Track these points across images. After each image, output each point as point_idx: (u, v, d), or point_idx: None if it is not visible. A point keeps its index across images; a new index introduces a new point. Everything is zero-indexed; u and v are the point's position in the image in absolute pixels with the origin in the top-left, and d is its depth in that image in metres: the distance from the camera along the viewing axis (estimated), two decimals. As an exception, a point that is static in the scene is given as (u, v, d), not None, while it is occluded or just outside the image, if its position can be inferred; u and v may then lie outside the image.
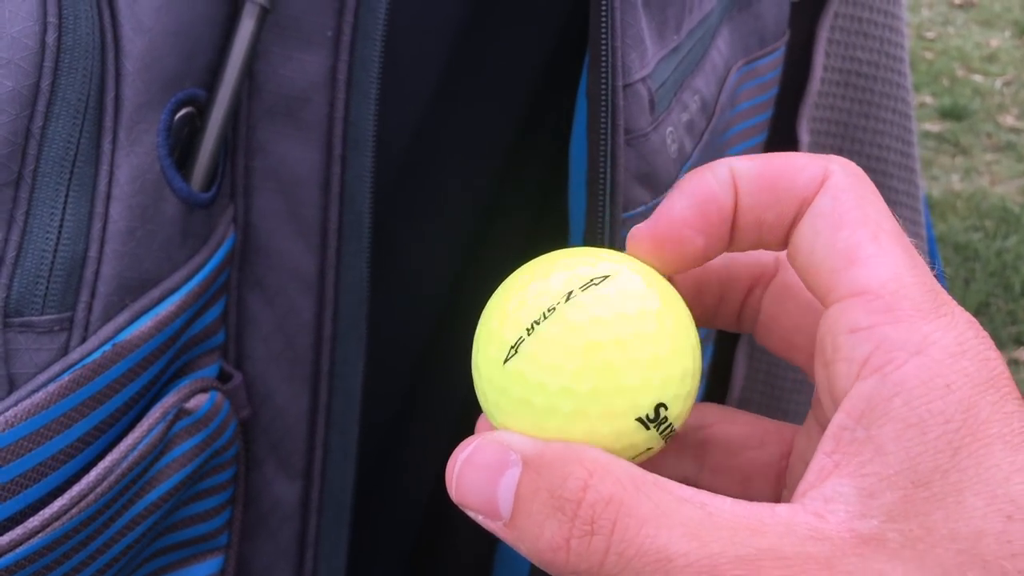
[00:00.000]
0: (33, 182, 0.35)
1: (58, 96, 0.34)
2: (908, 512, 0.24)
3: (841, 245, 0.27)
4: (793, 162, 0.29)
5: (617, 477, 0.25)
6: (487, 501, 0.27)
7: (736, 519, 0.25)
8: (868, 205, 0.28)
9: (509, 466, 0.26)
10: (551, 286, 0.28)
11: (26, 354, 0.35)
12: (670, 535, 0.24)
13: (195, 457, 0.41)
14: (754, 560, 0.24)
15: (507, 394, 0.28)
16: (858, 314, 0.26)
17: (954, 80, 3.35)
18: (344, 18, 0.42)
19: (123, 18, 0.36)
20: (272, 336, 0.46)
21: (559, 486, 0.26)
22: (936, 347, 0.25)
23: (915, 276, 0.27)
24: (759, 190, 0.29)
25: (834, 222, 0.28)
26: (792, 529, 0.24)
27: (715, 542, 0.24)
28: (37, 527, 0.35)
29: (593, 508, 0.25)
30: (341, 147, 0.44)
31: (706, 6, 0.55)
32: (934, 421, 0.24)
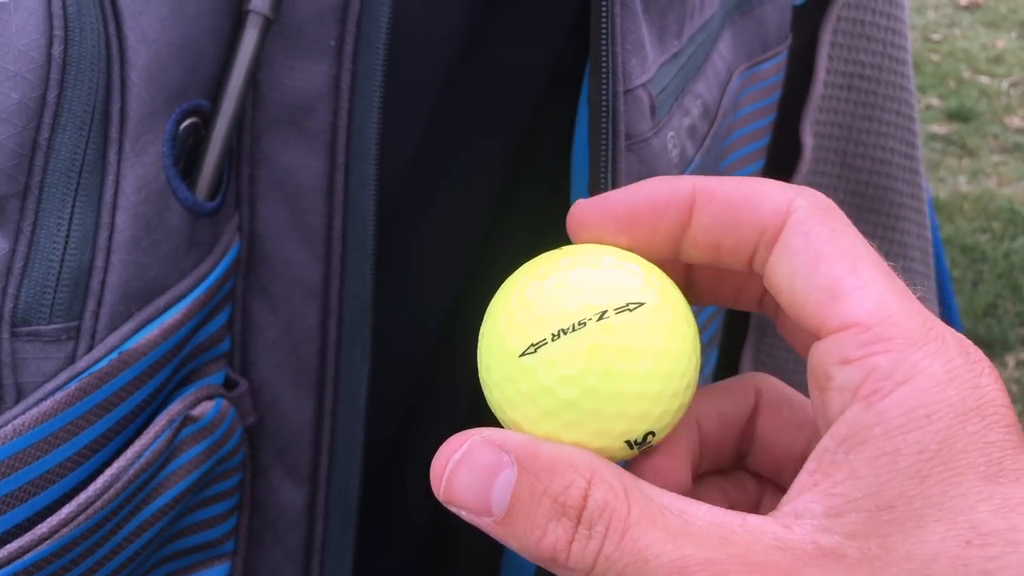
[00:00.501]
0: (40, 193, 0.35)
1: (64, 108, 0.35)
2: (869, 532, 0.25)
3: (822, 281, 0.28)
4: (760, 190, 0.30)
5: (610, 484, 0.27)
6: (479, 500, 0.27)
7: (709, 527, 0.26)
8: (841, 237, 0.28)
9: (504, 467, 0.27)
10: (583, 296, 0.29)
11: (33, 363, 0.36)
12: (649, 539, 0.26)
13: (201, 463, 0.42)
14: (721, 563, 0.26)
15: (514, 384, 0.29)
16: (848, 347, 0.27)
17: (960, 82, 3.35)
18: (347, 27, 0.43)
19: (128, 30, 0.37)
20: (277, 343, 0.47)
21: (562, 493, 0.27)
22: (923, 376, 0.26)
23: (900, 303, 0.27)
24: (718, 211, 0.30)
25: (810, 258, 0.28)
26: (759, 538, 0.26)
27: (687, 545, 0.26)
28: (45, 534, 0.35)
29: (591, 515, 0.27)
30: (345, 155, 0.44)
31: (707, 11, 0.55)
32: (908, 451, 0.26)
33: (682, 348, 0.29)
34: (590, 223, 0.31)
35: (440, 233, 0.56)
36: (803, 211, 0.29)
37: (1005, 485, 0.25)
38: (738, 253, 0.30)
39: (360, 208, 0.45)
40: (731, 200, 0.30)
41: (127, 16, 0.36)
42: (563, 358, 0.28)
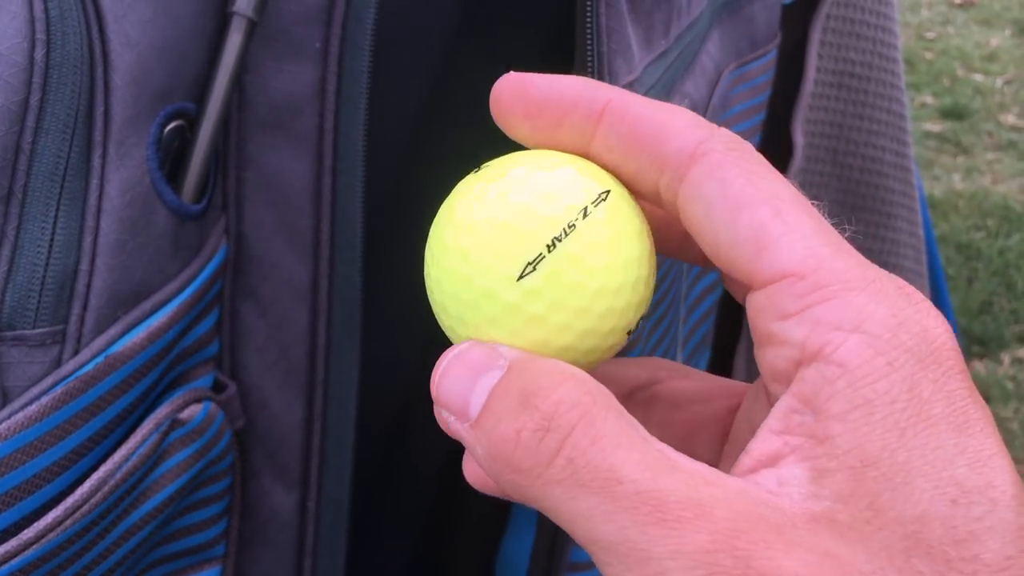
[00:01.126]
0: (24, 197, 0.35)
1: (47, 111, 0.35)
2: (857, 493, 0.24)
3: (745, 231, 0.26)
4: (670, 122, 0.28)
5: (590, 390, 0.25)
6: (461, 399, 0.26)
7: (693, 468, 0.24)
8: (760, 179, 0.27)
9: (493, 368, 0.26)
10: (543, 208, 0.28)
11: (19, 367, 0.36)
12: (626, 458, 0.24)
13: (190, 467, 0.42)
14: (706, 504, 0.23)
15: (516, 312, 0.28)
16: (785, 299, 0.25)
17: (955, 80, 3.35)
18: (332, 29, 0.43)
19: (111, 33, 0.37)
20: (266, 346, 0.47)
21: (531, 383, 0.25)
22: (872, 321, 0.25)
23: (830, 245, 0.26)
24: (624, 132, 0.28)
25: (730, 205, 0.26)
26: (748, 491, 0.24)
27: (666, 479, 0.24)
28: (32, 539, 0.35)
29: (557, 406, 0.25)
30: (332, 158, 0.44)
31: (695, 10, 0.55)
32: (880, 401, 0.24)
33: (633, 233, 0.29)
34: (504, 99, 0.30)
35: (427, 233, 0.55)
36: (716, 153, 0.27)
37: (974, 437, 0.24)
38: (640, 182, 0.28)
39: (348, 210, 0.45)
40: (639, 125, 0.28)
41: (110, 19, 0.36)
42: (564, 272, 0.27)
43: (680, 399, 0.33)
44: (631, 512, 0.23)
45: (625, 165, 0.28)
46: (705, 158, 0.27)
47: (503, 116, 0.30)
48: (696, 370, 0.33)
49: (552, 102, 0.29)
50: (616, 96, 0.28)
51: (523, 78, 0.30)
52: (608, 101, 0.28)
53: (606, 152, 0.29)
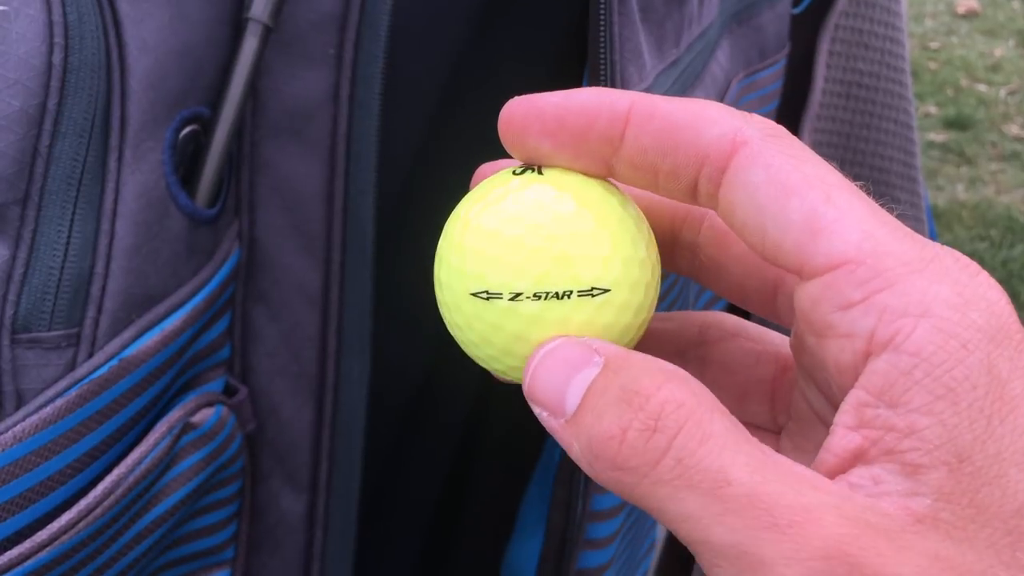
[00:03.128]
0: (40, 200, 0.35)
1: (65, 115, 0.35)
2: (956, 489, 0.23)
3: (796, 216, 0.25)
4: (704, 113, 0.27)
5: (694, 391, 0.25)
6: (556, 395, 0.26)
7: (798, 471, 0.24)
8: (804, 164, 0.26)
9: (590, 365, 0.26)
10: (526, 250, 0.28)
11: (34, 370, 0.36)
12: (734, 460, 0.23)
13: (201, 471, 0.42)
14: (816, 510, 0.23)
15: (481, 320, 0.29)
16: (845, 288, 0.24)
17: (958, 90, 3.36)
18: (346, 35, 0.43)
19: (128, 38, 0.37)
20: (277, 350, 0.47)
21: (633, 380, 0.25)
22: (938, 303, 0.23)
23: (884, 227, 0.25)
24: (656, 131, 0.27)
25: (777, 192, 0.25)
26: (851, 497, 0.23)
27: (775, 482, 0.23)
28: (45, 540, 0.35)
29: (663, 406, 0.24)
30: (344, 163, 0.44)
31: (706, 20, 0.55)
32: (961, 389, 0.23)
33: (631, 255, 0.28)
34: (517, 122, 0.28)
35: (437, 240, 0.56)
36: (756, 141, 0.26)
37: None
38: (677, 180, 0.27)
39: (360, 215, 0.45)
40: (671, 120, 0.27)
41: (127, 24, 0.37)
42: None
43: (731, 363, 0.32)
44: (742, 515, 0.23)
45: (661, 164, 0.27)
46: (746, 146, 0.26)
47: (517, 138, 0.29)
48: (742, 326, 0.32)
49: (573, 114, 0.28)
50: (639, 98, 0.27)
51: (534, 98, 0.28)
52: (632, 104, 0.27)
53: (638, 155, 0.27)
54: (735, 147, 0.26)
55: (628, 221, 0.29)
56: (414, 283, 0.55)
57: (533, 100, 0.28)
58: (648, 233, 0.29)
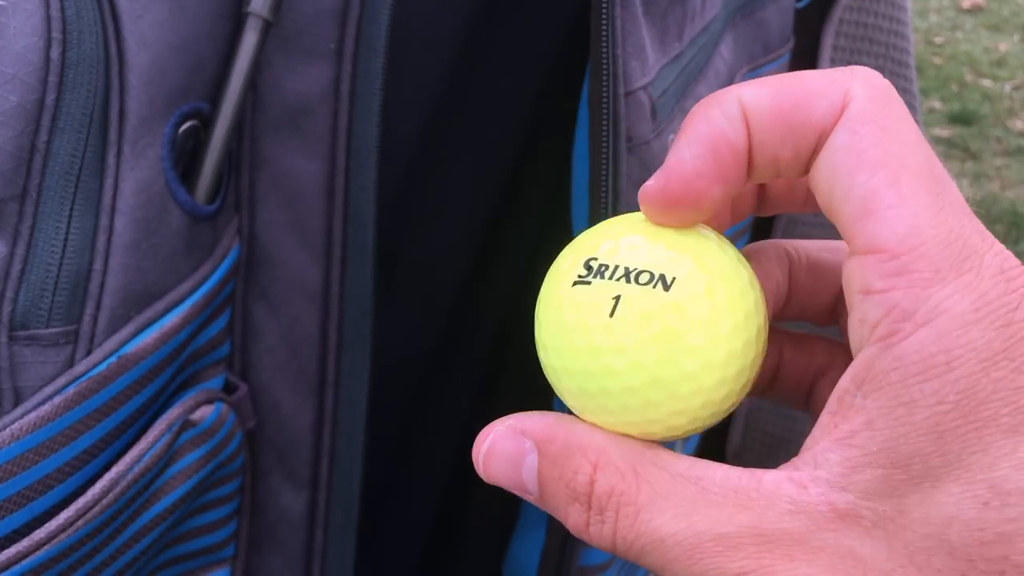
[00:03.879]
0: (38, 196, 0.35)
1: (63, 110, 0.35)
2: (884, 491, 0.25)
3: (859, 191, 0.25)
4: (809, 87, 0.27)
5: (617, 466, 0.27)
6: (516, 483, 0.29)
7: (724, 494, 0.26)
8: (891, 138, 0.25)
9: (526, 454, 0.29)
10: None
11: (32, 367, 0.36)
12: (663, 517, 0.26)
13: (201, 468, 0.41)
14: (734, 537, 0.26)
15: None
16: (871, 275, 0.25)
17: (963, 85, 3.35)
18: (347, 30, 0.42)
19: (127, 32, 0.36)
20: (278, 347, 0.46)
21: (571, 479, 0.28)
22: (946, 316, 0.24)
23: (937, 228, 0.25)
24: (772, 124, 0.27)
25: (852, 161, 0.26)
26: (773, 504, 0.26)
27: (701, 520, 0.26)
28: (43, 539, 0.35)
29: (599, 500, 0.27)
30: (345, 158, 0.44)
31: (708, 14, 0.55)
32: (925, 402, 0.24)
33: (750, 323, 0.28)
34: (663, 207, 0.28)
35: (441, 235, 0.55)
36: (859, 102, 0.26)
37: None
38: (797, 163, 0.28)
39: (360, 211, 0.44)
40: (780, 108, 0.27)
41: (126, 19, 0.36)
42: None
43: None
44: (680, 560, 0.26)
45: (781, 153, 0.27)
46: (851, 105, 0.26)
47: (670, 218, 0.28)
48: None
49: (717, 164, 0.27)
50: (744, 97, 0.27)
51: (661, 188, 0.28)
52: (740, 103, 0.27)
53: (758, 153, 0.27)
54: (844, 108, 0.26)
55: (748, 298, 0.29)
56: (416, 278, 0.55)
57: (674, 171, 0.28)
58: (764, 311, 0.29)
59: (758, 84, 0.27)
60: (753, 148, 0.27)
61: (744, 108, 0.27)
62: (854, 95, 0.26)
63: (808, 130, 0.27)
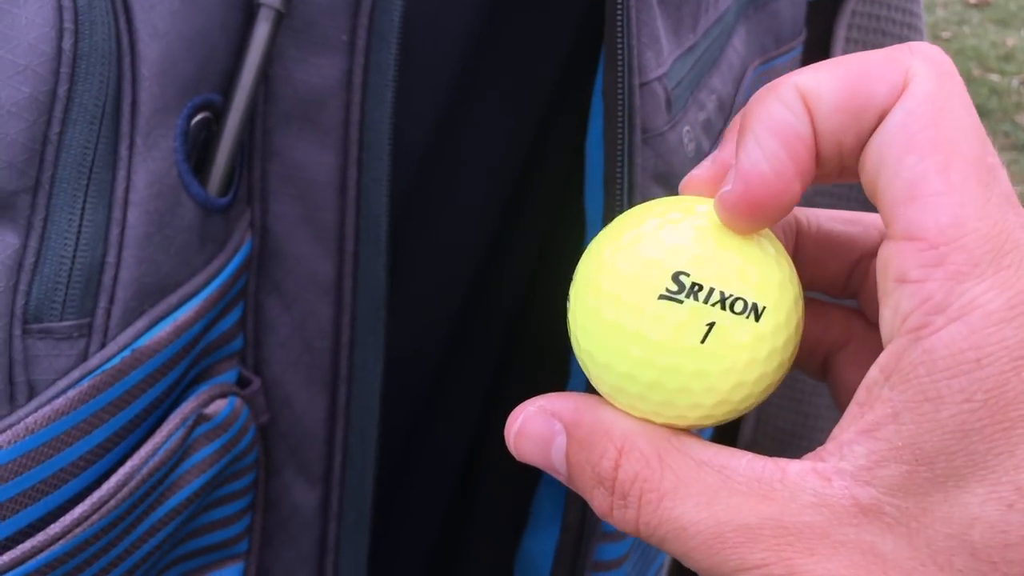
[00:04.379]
0: (51, 188, 0.35)
1: (75, 102, 0.35)
2: (908, 488, 0.24)
3: (906, 173, 0.25)
4: (868, 69, 0.26)
5: (642, 452, 0.28)
6: (546, 463, 0.29)
7: (748, 484, 0.26)
8: (945, 122, 0.25)
9: (556, 435, 0.29)
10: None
11: (46, 360, 0.35)
12: (685, 506, 0.26)
13: (215, 463, 0.41)
14: (755, 528, 0.25)
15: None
16: (908, 263, 0.24)
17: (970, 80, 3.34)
18: (359, 21, 0.42)
19: (139, 23, 0.36)
20: (290, 341, 0.46)
21: (597, 463, 0.28)
22: (979, 312, 0.24)
23: (981, 220, 0.24)
24: (834, 110, 0.26)
25: (902, 142, 0.25)
26: (796, 496, 0.25)
27: (724, 510, 0.26)
28: (59, 533, 0.35)
29: (623, 485, 0.27)
30: (357, 151, 0.44)
31: (722, 5, 0.55)
32: (952, 399, 0.24)
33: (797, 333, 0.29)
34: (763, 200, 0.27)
35: (453, 227, 0.55)
36: (919, 81, 0.25)
37: None
38: (859, 150, 0.27)
39: (373, 203, 0.44)
40: (842, 94, 0.26)
41: (137, 10, 0.36)
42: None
43: None
44: (700, 549, 0.26)
45: (844, 139, 0.26)
46: (911, 83, 0.25)
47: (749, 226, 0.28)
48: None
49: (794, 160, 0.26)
50: (801, 84, 0.26)
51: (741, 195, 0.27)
52: (799, 92, 0.26)
53: (827, 138, 0.27)
54: (904, 89, 0.26)
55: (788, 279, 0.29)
56: (429, 271, 0.55)
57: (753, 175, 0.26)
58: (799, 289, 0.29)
59: (813, 70, 0.27)
60: (818, 137, 0.27)
61: (804, 96, 0.26)
62: (915, 73, 0.25)
63: (870, 114, 0.26)
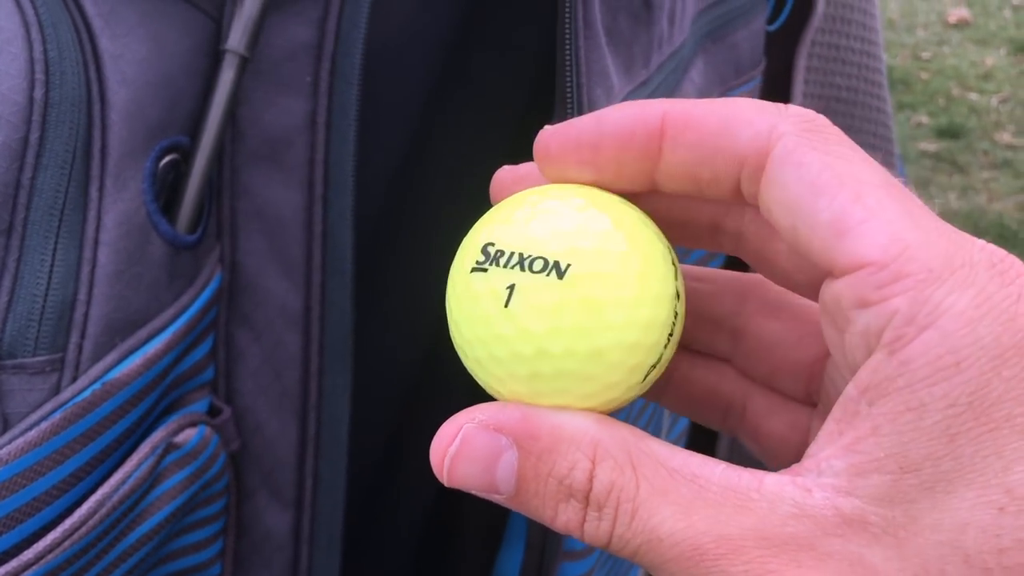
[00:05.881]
0: (24, 230, 0.36)
1: (46, 148, 0.36)
2: (893, 497, 0.24)
3: (824, 216, 0.25)
4: (737, 115, 0.27)
5: (615, 460, 0.26)
6: (485, 484, 0.27)
7: (723, 494, 0.25)
8: (839, 161, 0.25)
9: (503, 451, 0.27)
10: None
11: (19, 394, 0.37)
12: (661, 516, 0.25)
13: (185, 489, 0.43)
14: (736, 539, 0.24)
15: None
16: (863, 289, 0.24)
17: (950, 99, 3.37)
18: (322, 64, 0.44)
19: (108, 71, 0.38)
20: (260, 371, 0.48)
21: (566, 476, 0.26)
22: (948, 316, 0.23)
23: (916, 230, 0.24)
24: (692, 141, 0.27)
25: (807, 192, 0.25)
26: (775, 507, 0.24)
27: (701, 520, 0.25)
28: (31, 559, 0.37)
29: (598, 496, 0.26)
30: (323, 188, 0.45)
31: (677, 39, 0.57)
32: (935, 406, 0.23)
33: (660, 292, 0.27)
34: (554, 153, 0.29)
35: (421, 257, 0.57)
36: (789, 138, 0.26)
37: None
38: (719, 185, 0.27)
39: (338, 238, 0.46)
40: (706, 128, 0.27)
41: (107, 59, 0.38)
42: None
43: (770, 341, 0.32)
44: (677, 562, 0.25)
45: (701, 173, 0.27)
46: (780, 142, 0.26)
47: (556, 167, 0.29)
48: (788, 306, 0.32)
49: (607, 138, 0.28)
50: (671, 108, 0.27)
51: (566, 127, 0.28)
52: (664, 115, 0.27)
53: (678, 167, 0.27)
54: (770, 146, 0.26)
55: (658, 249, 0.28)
56: (397, 300, 0.56)
57: (566, 129, 0.28)
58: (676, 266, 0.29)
59: (689, 101, 0.27)
60: (668, 160, 0.27)
61: (665, 119, 0.27)
62: (784, 131, 0.26)
63: (730, 155, 0.26)
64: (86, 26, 0.38)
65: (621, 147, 0.28)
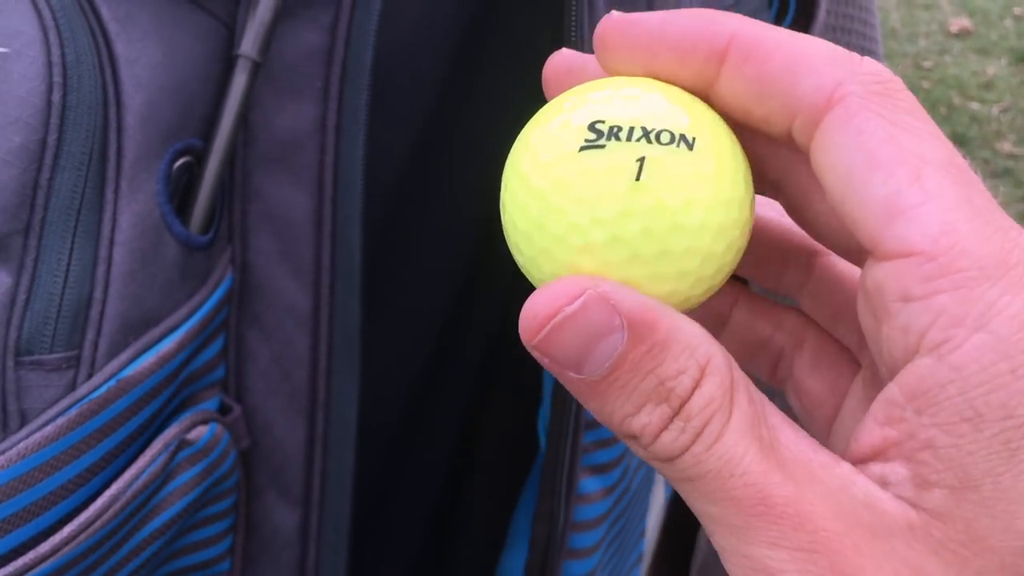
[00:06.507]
0: (41, 230, 0.37)
1: (64, 150, 0.37)
2: (954, 513, 0.22)
3: (878, 192, 0.23)
4: (804, 58, 0.24)
5: (721, 379, 0.24)
6: (575, 358, 0.24)
7: (803, 460, 0.24)
8: (903, 132, 0.23)
9: (614, 331, 0.24)
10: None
11: (36, 390, 0.38)
12: (744, 450, 0.23)
13: (196, 486, 0.44)
14: (807, 502, 0.23)
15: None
16: (910, 280, 0.23)
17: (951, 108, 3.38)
18: (332, 69, 0.45)
19: (124, 76, 0.39)
20: (270, 370, 0.48)
21: (672, 378, 0.24)
22: (1002, 318, 0.22)
23: (972, 220, 0.22)
24: (750, 76, 0.25)
25: (864, 162, 0.23)
26: (849, 490, 0.23)
27: (776, 472, 0.23)
28: (47, 552, 0.37)
29: (693, 408, 0.24)
30: (332, 190, 0.46)
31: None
32: (992, 416, 0.22)
33: (732, 195, 0.26)
34: (609, 42, 0.26)
35: (430, 258, 0.58)
36: (855, 99, 0.24)
37: None
38: (769, 125, 0.26)
39: (347, 239, 0.47)
40: (769, 65, 0.25)
41: (123, 63, 0.39)
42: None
43: (839, 276, 0.30)
44: (740, 503, 0.23)
45: (753, 109, 0.25)
46: (842, 103, 0.24)
47: (610, 60, 0.27)
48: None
49: (669, 45, 0.26)
50: (739, 28, 0.25)
51: (631, 20, 0.26)
52: (732, 36, 0.25)
53: (732, 98, 0.26)
54: (831, 103, 0.24)
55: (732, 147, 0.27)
56: (405, 301, 0.57)
57: (628, 26, 0.26)
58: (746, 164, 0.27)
59: (760, 29, 0.25)
60: (724, 88, 0.26)
61: (731, 42, 0.25)
62: (850, 90, 0.24)
63: (786, 101, 0.25)
64: (102, 31, 0.39)
65: (679, 60, 0.26)
